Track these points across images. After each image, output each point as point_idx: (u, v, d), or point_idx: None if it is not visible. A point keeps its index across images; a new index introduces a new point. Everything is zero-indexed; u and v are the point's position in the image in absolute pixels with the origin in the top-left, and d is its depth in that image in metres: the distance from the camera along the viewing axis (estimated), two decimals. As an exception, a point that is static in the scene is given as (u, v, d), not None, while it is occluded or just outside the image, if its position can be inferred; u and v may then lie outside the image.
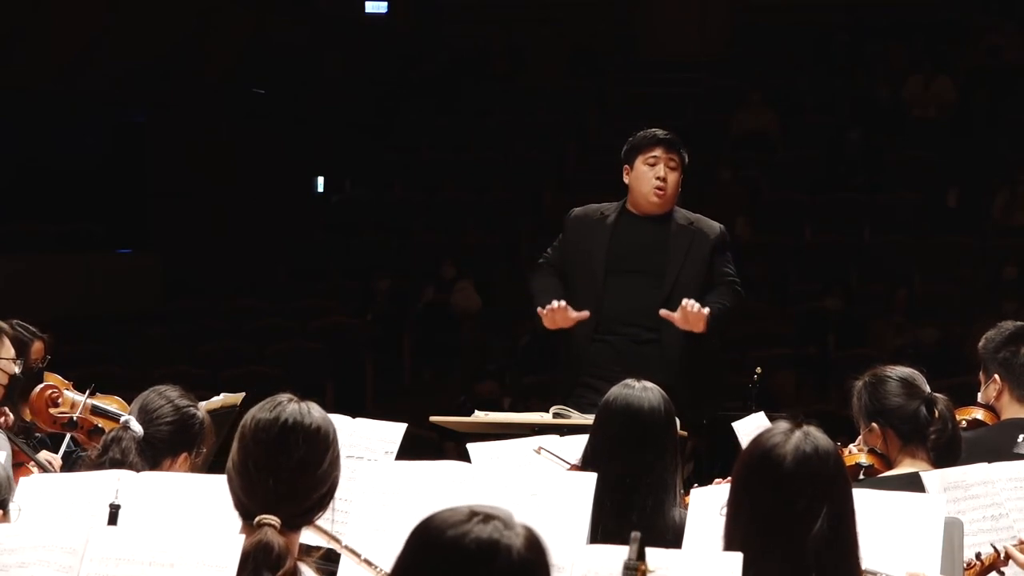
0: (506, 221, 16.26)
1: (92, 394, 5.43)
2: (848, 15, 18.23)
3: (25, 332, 6.01)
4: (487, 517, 2.60)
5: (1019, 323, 5.30)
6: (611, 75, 18.80)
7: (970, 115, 16.57)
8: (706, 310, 6.32)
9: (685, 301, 6.35)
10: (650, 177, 6.51)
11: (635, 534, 2.92)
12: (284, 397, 3.56)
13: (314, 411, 3.54)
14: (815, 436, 3.25)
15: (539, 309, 6.47)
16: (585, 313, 6.43)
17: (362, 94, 18.20)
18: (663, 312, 6.35)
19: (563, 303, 6.44)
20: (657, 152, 6.52)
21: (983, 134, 16.10)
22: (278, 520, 3.42)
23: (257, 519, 3.43)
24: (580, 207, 6.78)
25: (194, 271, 15.74)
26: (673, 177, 6.53)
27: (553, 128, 17.85)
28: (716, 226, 6.64)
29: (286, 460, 3.46)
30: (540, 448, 5.25)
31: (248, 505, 3.47)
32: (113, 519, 3.96)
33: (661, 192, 6.51)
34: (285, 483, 3.45)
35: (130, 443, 4.45)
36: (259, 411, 3.54)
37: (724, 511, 3.30)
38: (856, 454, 4.65)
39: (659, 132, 6.62)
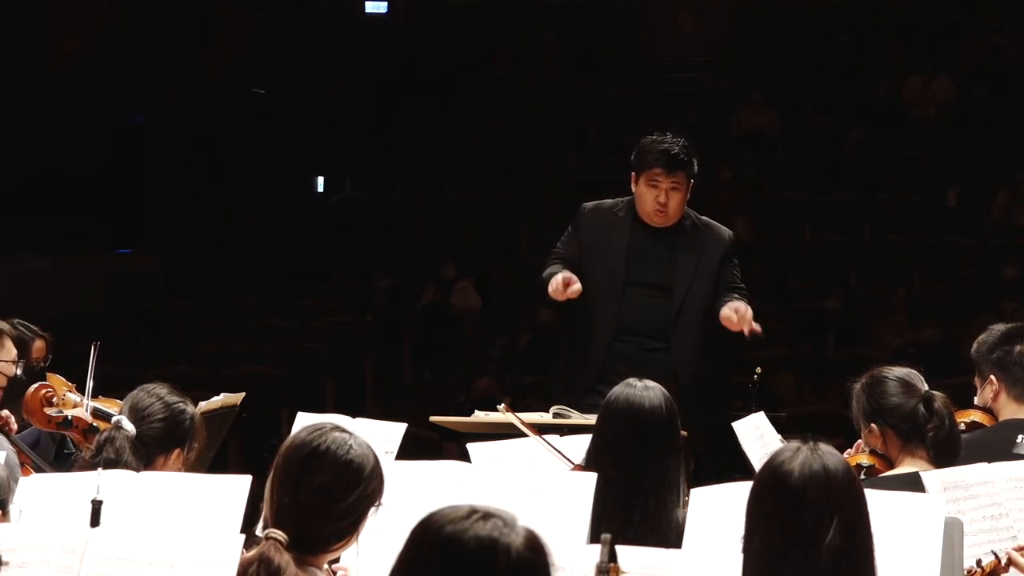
0: (506, 221, 16.26)
1: (93, 393, 5.41)
2: (848, 15, 18.23)
3: (27, 331, 6.01)
4: (487, 515, 2.60)
5: (1010, 324, 5.31)
6: (611, 75, 18.81)
7: (970, 115, 16.58)
8: (749, 313, 6.30)
9: (735, 304, 6.32)
10: (650, 199, 6.47)
11: (605, 536, 2.93)
12: (331, 425, 3.59)
13: (356, 446, 3.57)
14: (823, 453, 3.29)
15: (551, 286, 6.37)
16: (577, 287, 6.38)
17: (362, 94, 18.21)
18: (723, 314, 6.31)
19: (569, 277, 6.39)
20: (659, 176, 6.45)
21: (983, 134, 16.11)
22: (284, 536, 3.44)
23: (266, 532, 3.47)
24: (591, 202, 6.73)
25: (194, 271, 15.74)
26: (675, 198, 6.47)
27: (553, 128, 17.85)
28: (725, 234, 6.60)
29: (307, 482, 3.51)
30: (541, 436, 5.27)
31: (267, 517, 3.51)
32: (96, 515, 3.94)
33: (661, 214, 6.48)
34: (301, 504, 3.50)
35: (124, 443, 4.46)
36: (303, 430, 3.60)
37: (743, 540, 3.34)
38: (857, 454, 4.65)
39: (666, 149, 6.46)
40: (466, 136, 17.90)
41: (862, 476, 4.52)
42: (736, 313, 6.30)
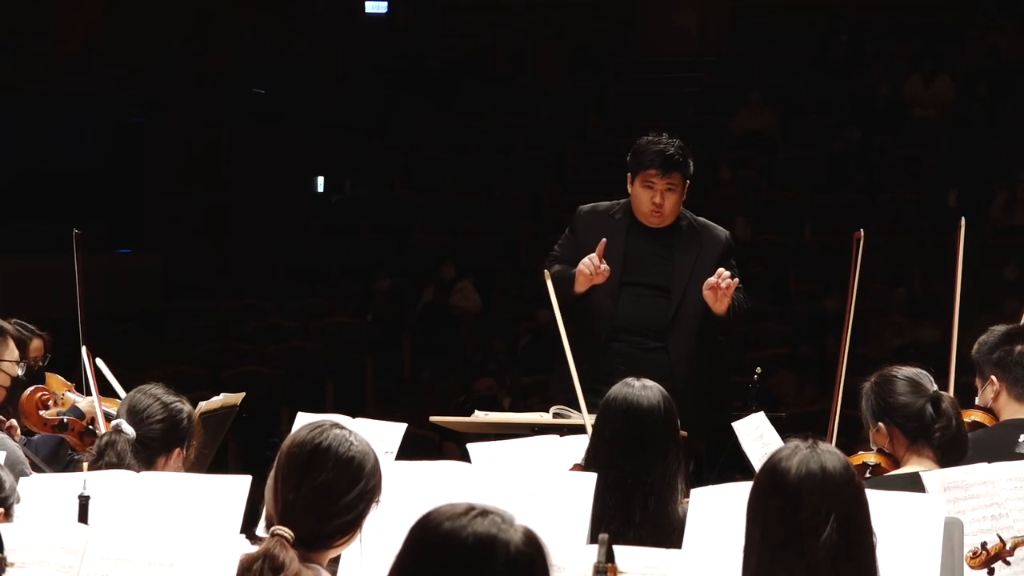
0: (506, 221, 16.27)
1: (96, 389, 5.40)
2: (848, 15, 18.24)
3: (24, 331, 6.01)
4: (485, 512, 2.61)
5: (1010, 325, 5.32)
6: (611, 75, 18.81)
7: (970, 115, 16.57)
8: (736, 281, 6.30)
9: (721, 270, 6.33)
10: (646, 200, 6.47)
11: (602, 536, 2.93)
12: (330, 423, 3.61)
13: (356, 443, 3.59)
14: (823, 451, 3.30)
15: (584, 269, 6.33)
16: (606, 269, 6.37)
17: (362, 94, 18.21)
18: (708, 282, 6.31)
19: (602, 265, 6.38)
20: (654, 177, 6.45)
21: (983, 134, 16.10)
22: (291, 533, 3.45)
23: (272, 529, 3.47)
24: (587, 204, 6.73)
25: (194, 271, 15.74)
26: (671, 199, 6.46)
27: (553, 128, 17.85)
28: (722, 235, 6.60)
29: (310, 480, 3.51)
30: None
31: (271, 515, 3.51)
32: (83, 511, 3.94)
33: (657, 215, 6.48)
34: (304, 501, 3.51)
35: (125, 446, 4.46)
36: (303, 429, 3.62)
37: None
38: (863, 453, 4.65)
39: (661, 150, 6.45)
40: (466, 136, 17.90)
41: (867, 475, 4.52)
42: (718, 277, 6.29)
